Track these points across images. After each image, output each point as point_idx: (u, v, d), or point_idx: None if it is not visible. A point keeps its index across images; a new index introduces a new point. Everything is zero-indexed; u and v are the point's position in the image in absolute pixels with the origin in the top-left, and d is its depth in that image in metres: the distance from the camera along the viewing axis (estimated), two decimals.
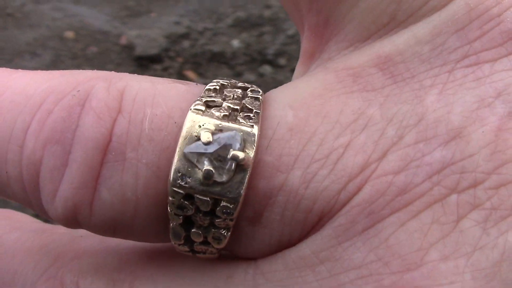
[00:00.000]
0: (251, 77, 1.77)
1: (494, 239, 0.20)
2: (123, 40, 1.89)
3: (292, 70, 2.09)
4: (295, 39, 1.89)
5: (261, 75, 1.78)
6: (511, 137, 0.20)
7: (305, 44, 0.26)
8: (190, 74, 1.76)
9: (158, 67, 1.78)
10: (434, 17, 0.22)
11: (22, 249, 0.25)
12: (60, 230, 0.26)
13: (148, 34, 1.90)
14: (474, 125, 0.20)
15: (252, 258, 0.22)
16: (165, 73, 1.75)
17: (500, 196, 0.20)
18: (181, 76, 1.75)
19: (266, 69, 1.80)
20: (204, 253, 0.22)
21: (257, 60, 1.84)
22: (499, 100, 0.21)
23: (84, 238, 0.25)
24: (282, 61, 1.84)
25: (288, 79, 1.76)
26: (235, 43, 1.91)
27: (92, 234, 0.23)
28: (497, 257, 0.19)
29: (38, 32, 1.95)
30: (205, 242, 0.21)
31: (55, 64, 1.80)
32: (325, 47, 0.25)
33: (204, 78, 1.75)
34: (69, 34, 1.94)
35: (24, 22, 2.00)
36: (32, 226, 0.27)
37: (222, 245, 0.21)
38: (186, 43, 1.90)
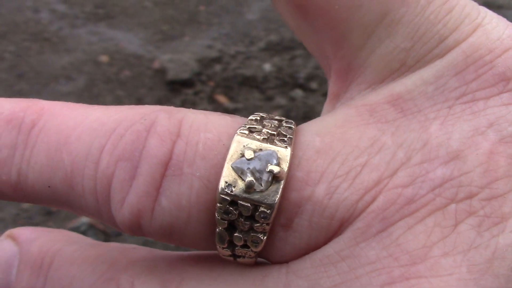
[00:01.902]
0: (282, 101, 1.79)
1: (487, 241, 0.24)
2: (156, 64, 1.94)
3: (324, 94, 2.09)
4: None
5: (292, 99, 1.80)
6: (502, 159, 0.25)
7: (332, 87, 0.31)
8: (221, 98, 1.79)
9: (189, 91, 1.81)
10: (437, 63, 0.27)
11: (80, 257, 0.29)
12: (114, 244, 0.30)
13: (180, 58, 1.94)
14: (470, 149, 0.25)
15: (284, 262, 0.26)
16: (196, 97, 1.78)
17: (492, 206, 0.24)
18: (212, 100, 1.78)
19: (298, 93, 1.82)
20: (244, 257, 0.26)
21: (289, 84, 1.86)
22: (491, 129, 0.25)
23: (136, 249, 0.29)
24: (313, 85, 1.86)
25: (319, 103, 1.77)
26: (267, 66, 1.94)
27: (143, 247, 0.28)
28: (489, 255, 0.23)
29: (73, 56, 2.01)
30: (245, 246, 0.26)
31: (88, 88, 1.85)
32: (348, 88, 0.30)
33: (235, 102, 1.77)
34: (104, 58, 2.00)
35: (61, 46, 2.07)
36: (89, 241, 0.31)
37: (259, 248, 0.25)
38: (217, 67, 1.93)
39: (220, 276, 0.26)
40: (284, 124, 0.27)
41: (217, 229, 0.25)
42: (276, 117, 0.28)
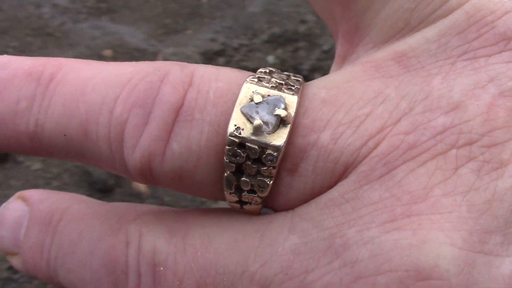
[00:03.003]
0: None
1: (486, 184, 0.25)
2: (160, 58, 1.95)
3: None
4: (330, 55, 1.92)
5: None
6: (501, 110, 0.26)
7: (339, 49, 0.34)
8: None
9: None
10: (440, 23, 0.29)
11: (89, 213, 0.31)
12: (123, 203, 0.32)
13: (183, 52, 1.96)
14: (471, 100, 0.26)
15: (290, 209, 0.28)
16: None
17: (491, 153, 0.25)
18: None
19: None
20: (250, 203, 0.28)
21: None
22: (491, 83, 0.27)
23: (144, 205, 0.31)
24: (317, 76, 1.87)
25: None
26: (270, 59, 1.95)
27: (152, 205, 0.30)
28: (489, 196, 0.25)
29: (77, 50, 2.02)
30: (251, 191, 0.27)
31: None
32: (354, 50, 0.32)
33: None
34: (108, 52, 2.01)
35: (64, 41, 2.08)
36: (97, 201, 0.33)
37: (265, 193, 0.27)
38: (221, 60, 1.95)
39: (226, 223, 0.28)
40: (292, 77, 0.29)
41: (225, 174, 0.27)
42: (285, 73, 0.30)
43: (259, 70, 0.29)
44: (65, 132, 0.28)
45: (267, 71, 0.29)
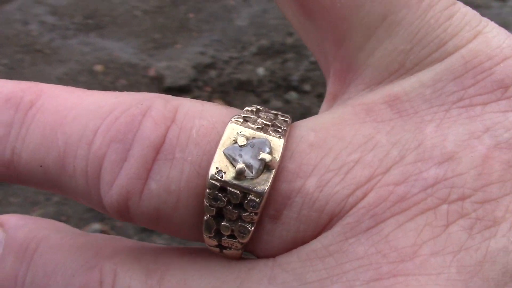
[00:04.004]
0: (278, 103, 1.85)
1: (478, 243, 0.23)
2: (152, 72, 1.99)
3: (317, 96, 2.12)
4: (318, 65, 1.96)
5: (287, 101, 1.86)
6: (496, 164, 0.25)
7: (330, 87, 0.31)
8: (218, 103, 1.85)
9: (187, 97, 1.86)
10: (436, 66, 0.27)
11: (66, 244, 0.29)
12: (102, 234, 0.31)
13: (176, 65, 1.99)
14: (465, 151, 0.25)
15: (271, 256, 0.26)
16: None
17: (485, 209, 0.24)
18: None
19: (292, 95, 1.89)
20: (230, 248, 0.26)
21: (282, 87, 1.93)
22: (487, 134, 0.25)
23: (122, 239, 0.30)
24: (306, 87, 1.92)
25: (314, 104, 1.84)
26: (260, 70, 2.00)
27: (130, 239, 0.30)
28: (480, 258, 0.23)
29: (67, 66, 2.04)
30: (232, 236, 0.26)
31: None
32: (346, 89, 0.30)
33: (232, 106, 1.81)
34: (98, 67, 2.04)
35: (53, 57, 2.10)
36: (77, 231, 0.31)
37: (246, 239, 0.25)
38: (213, 73, 1.99)
39: (205, 267, 0.26)
40: (280, 118, 0.27)
41: (205, 217, 0.25)
42: (273, 111, 0.28)
43: (245, 109, 0.27)
44: (42, 163, 0.27)
45: (254, 109, 0.27)
